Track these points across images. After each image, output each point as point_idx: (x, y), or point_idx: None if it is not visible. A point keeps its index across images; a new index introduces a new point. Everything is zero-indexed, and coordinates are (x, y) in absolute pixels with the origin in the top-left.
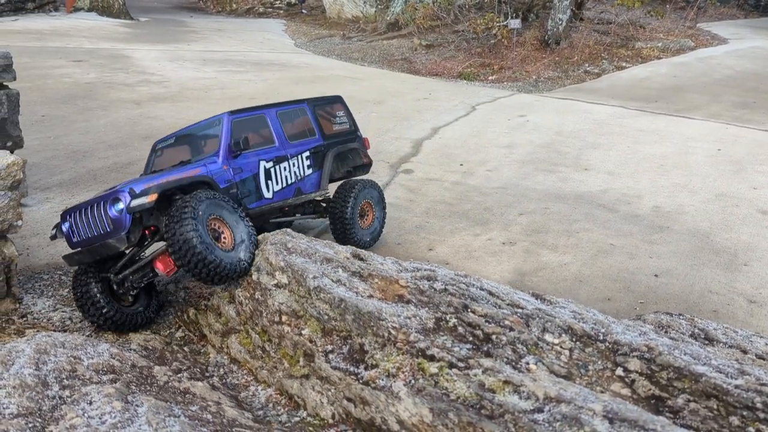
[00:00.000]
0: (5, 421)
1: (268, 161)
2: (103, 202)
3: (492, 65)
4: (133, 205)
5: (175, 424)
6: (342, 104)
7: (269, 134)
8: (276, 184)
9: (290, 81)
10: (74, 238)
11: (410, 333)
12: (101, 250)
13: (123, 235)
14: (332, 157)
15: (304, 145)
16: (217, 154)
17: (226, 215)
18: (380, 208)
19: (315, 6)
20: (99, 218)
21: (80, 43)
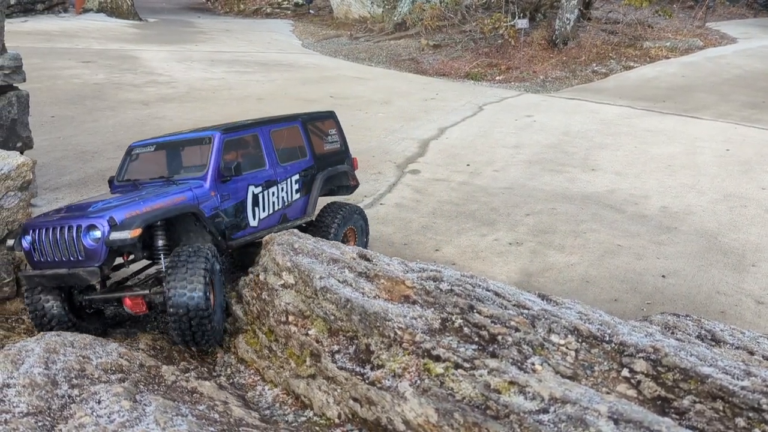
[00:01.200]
0: (15, 419)
1: (257, 186)
2: (76, 227)
3: (499, 65)
4: (112, 239)
5: (182, 423)
6: (335, 121)
7: (260, 156)
8: (263, 211)
9: (298, 81)
10: (36, 256)
11: (416, 333)
12: (68, 279)
13: (96, 267)
14: (321, 181)
15: (294, 167)
16: (205, 178)
17: (216, 277)
18: (363, 235)
19: (322, 6)
20: (70, 243)
21: (89, 44)
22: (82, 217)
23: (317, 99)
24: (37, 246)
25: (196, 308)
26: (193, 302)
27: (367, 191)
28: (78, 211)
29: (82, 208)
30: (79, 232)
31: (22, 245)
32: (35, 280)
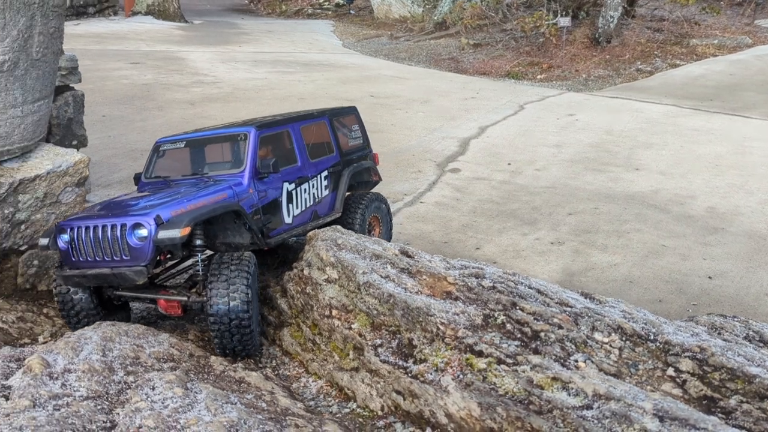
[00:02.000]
0: (76, 402)
1: (291, 183)
2: (120, 225)
3: (540, 64)
4: (161, 237)
5: (232, 410)
6: (356, 116)
7: (292, 152)
8: (296, 208)
9: (338, 81)
10: (74, 256)
11: (459, 329)
12: (112, 279)
13: (143, 266)
14: (348, 177)
15: (324, 163)
16: (242, 175)
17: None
18: (387, 222)
19: (363, 7)
20: (113, 242)
21: (138, 45)
22: (126, 215)
23: (358, 98)
24: (75, 245)
25: (238, 316)
26: (235, 310)
27: (407, 190)
28: (118, 209)
29: (123, 206)
30: (123, 230)
31: (58, 245)
32: (75, 280)
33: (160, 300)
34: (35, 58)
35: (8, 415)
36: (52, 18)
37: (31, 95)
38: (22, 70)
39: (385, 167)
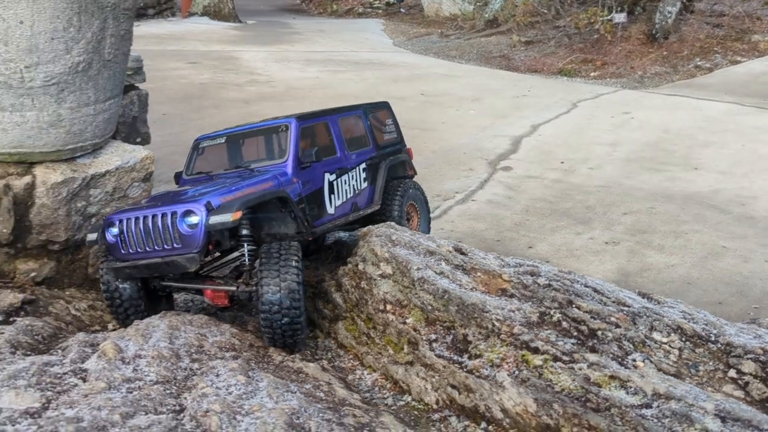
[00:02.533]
0: (147, 386)
1: (332, 173)
2: (171, 213)
3: (594, 61)
4: (213, 223)
5: (293, 399)
6: (389, 111)
7: (332, 143)
8: (337, 199)
9: (389, 80)
10: (124, 249)
11: (514, 326)
12: (164, 267)
13: (195, 253)
14: (385, 170)
15: (361, 156)
16: (286, 165)
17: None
18: (425, 211)
19: (413, 5)
20: (164, 231)
21: (195, 46)
22: (176, 204)
23: (408, 96)
24: (125, 237)
25: (289, 306)
26: (286, 300)
27: (458, 187)
28: (167, 199)
29: (171, 196)
30: (174, 218)
31: (107, 238)
32: (126, 272)
33: (207, 290)
34: (107, 59)
35: (87, 395)
36: (122, 21)
37: (102, 94)
38: (95, 70)
39: (436, 165)
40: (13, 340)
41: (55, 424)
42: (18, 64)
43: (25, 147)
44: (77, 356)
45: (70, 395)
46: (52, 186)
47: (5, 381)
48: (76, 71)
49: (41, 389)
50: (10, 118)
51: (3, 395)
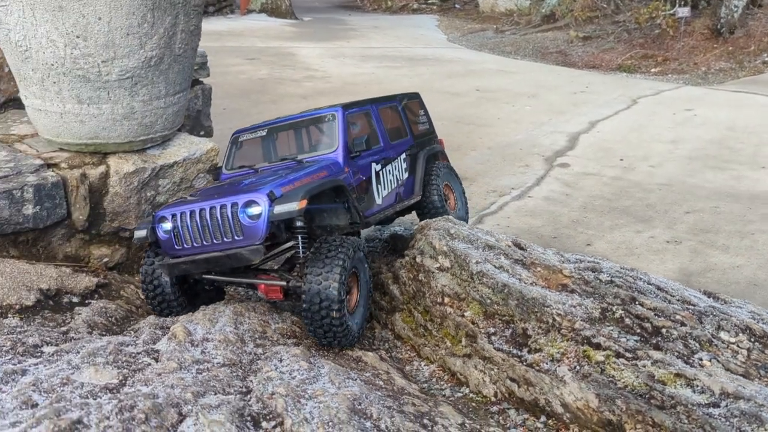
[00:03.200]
0: (215, 368)
1: (378, 163)
2: (231, 204)
3: (655, 57)
4: (278, 212)
5: (354, 385)
6: (420, 102)
7: (375, 133)
8: (384, 189)
9: (444, 75)
10: (178, 245)
11: (575, 321)
12: (225, 261)
13: (259, 244)
14: (423, 160)
15: (401, 146)
16: (336, 154)
17: (362, 271)
18: (459, 189)
19: (468, 1)
20: (223, 223)
21: (253, 42)
22: (236, 195)
23: (463, 92)
24: (179, 232)
25: (328, 301)
26: (324, 295)
27: (514, 183)
28: (221, 191)
29: (224, 188)
30: (235, 209)
31: (158, 234)
32: (182, 268)
33: (261, 285)
34: (177, 54)
35: (160, 374)
36: (192, 17)
37: (172, 88)
38: (166, 65)
39: (491, 161)
40: (90, 320)
41: (134, 399)
42: (96, 59)
43: (101, 138)
44: (149, 337)
45: (145, 373)
46: (125, 175)
47: (85, 358)
48: (148, 65)
49: (118, 367)
50: (87, 111)
51: (84, 371)
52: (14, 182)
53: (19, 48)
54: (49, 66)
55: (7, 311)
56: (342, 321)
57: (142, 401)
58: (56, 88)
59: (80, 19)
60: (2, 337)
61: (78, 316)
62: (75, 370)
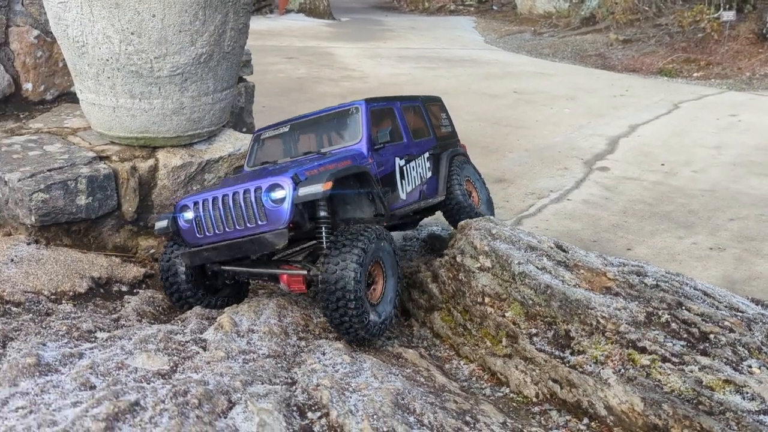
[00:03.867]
0: (260, 359)
1: (401, 158)
2: (254, 189)
3: (698, 61)
4: (303, 194)
5: (396, 380)
6: (442, 106)
7: (398, 129)
8: (408, 185)
9: (480, 77)
10: (200, 233)
11: (620, 324)
12: (249, 247)
13: (284, 228)
14: (447, 160)
15: (424, 145)
16: (360, 145)
17: (387, 263)
18: (482, 185)
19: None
20: (247, 209)
21: (291, 42)
22: (260, 179)
23: (500, 94)
24: (201, 220)
25: (343, 290)
26: (341, 284)
27: (553, 186)
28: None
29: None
30: (258, 193)
31: (179, 224)
32: (204, 256)
33: (282, 275)
34: (226, 51)
35: (209, 362)
36: (242, 15)
37: (220, 84)
38: (215, 61)
39: (529, 163)
40: (139, 309)
41: (186, 385)
42: (149, 55)
43: (150, 132)
44: (196, 327)
45: (194, 361)
46: (173, 169)
47: (138, 344)
48: (198, 62)
49: (168, 354)
50: (139, 105)
51: (136, 357)
52: (69, 173)
53: (76, 44)
54: (104, 61)
55: (61, 297)
56: (360, 312)
57: (194, 387)
58: (110, 83)
59: (135, 16)
60: (58, 322)
61: (128, 304)
62: (128, 355)
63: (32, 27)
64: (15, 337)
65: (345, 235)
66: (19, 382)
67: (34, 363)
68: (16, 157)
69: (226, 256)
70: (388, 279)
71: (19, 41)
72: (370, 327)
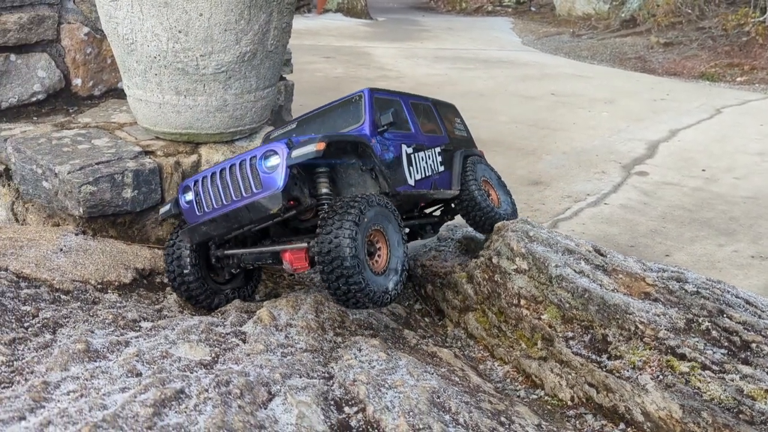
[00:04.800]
0: (298, 353)
1: (409, 147)
2: (249, 158)
3: (742, 65)
4: (296, 155)
5: (431, 379)
6: (456, 112)
7: (405, 120)
8: (416, 172)
9: (517, 78)
10: (200, 211)
11: (659, 330)
12: (243, 214)
13: (278, 191)
14: (460, 158)
15: (435, 140)
16: (364, 126)
17: (391, 231)
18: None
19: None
20: (242, 180)
21: (329, 41)
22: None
23: (538, 96)
24: (200, 197)
25: (340, 259)
26: (336, 252)
27: (590, 190)
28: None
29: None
30: (254, 162)
31: (180, 205)
32: (201, 230)
33: (285, 253)
34: (269, 50)
35: (249, 354)
36: (285, 14)
37: (262, 83)
38: (258, 60)
39: (566, 166)
40: (180, 300)
41: (228, 375)
42: (195, 53)
43: (194, 128)
44: (236, 320)
45: (234, 353)
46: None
47: (180, 334)
48: (242, 60)
49: (209, 345)
50: (184, 102)
51: (180, 346)
52: (116, 167)
53: (125, 41)
54: (151, 58)
55: (107, 287)
56: (358, 279)
57: (236, 378)
58: (157, 80)
59: (183, 14)
60: (105, 311)
61: (170, 295)
62: (172, 345)
63: (83, 24)
64: (65, 324)
65: (339, 204)
66: (69, 367)
67: (83, 349)
68: (65, 150)
69: (224, 228)
70: (392, 247)
71: (70, 38)
72: (374, 296)
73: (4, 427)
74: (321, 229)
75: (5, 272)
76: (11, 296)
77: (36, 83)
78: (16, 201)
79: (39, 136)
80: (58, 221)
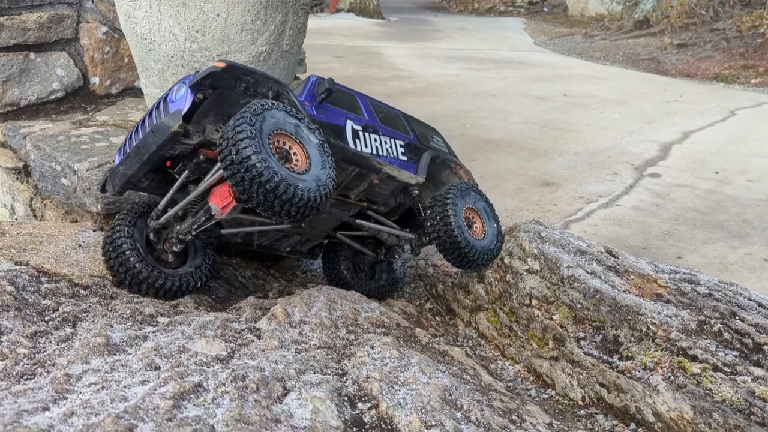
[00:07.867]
0: (312, 349)
1: (357, 124)
2: (163, 99)
3: (756, 67)
4: (197, 75)
5: (443, 377)
6: (437, 132)
7: (359, 109)
8: (364, 146)
9: (529, 79)
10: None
11: (671, 331)
12: (151, 139)
13: (179, 110)
14: (428, 156)
15: (398, 135)
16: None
17: (294, 129)
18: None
19: (557, 4)
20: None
21: (341, 41)
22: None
23: (550, 97)
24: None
25: (242, 164)
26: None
27: (602, 191)
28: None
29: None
30: (165, 100)
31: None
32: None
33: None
34: (284, 50)
35: (264, 350)
36: (300, 15)
37: None
38: (274, 60)
39: (578, 167)
40: (195, 297)
41: (245, 370)
42: (211, 53)
43: None
44: (251, 316)
45: (249, 348)
46: None
47: (197, 330)
48: (258, 60)
49: (225, 340)
50: None
51: (196, 341)
52: None
53: (144, 40)
54: (169, 58)
55: None
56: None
57: (252, 372)
58: (174, 79)
59: (200, 15)
60: (122, 306)
61: None
62: (189, 340)
63: (101, 23)
64: (84, 318)
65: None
66: (90, 360)
67: (103, 343)
68: (84, 147)
69: (137, 162)
70: (306, 146)
71: (89, 37)
72: (302, 196)
73: (29, 417)
74: (219, 145)
75: (26, 267)
76: (32, 290)
77: (55, 81)
78: (35, 197)
79: (58, 133)
80: (76, 217)
